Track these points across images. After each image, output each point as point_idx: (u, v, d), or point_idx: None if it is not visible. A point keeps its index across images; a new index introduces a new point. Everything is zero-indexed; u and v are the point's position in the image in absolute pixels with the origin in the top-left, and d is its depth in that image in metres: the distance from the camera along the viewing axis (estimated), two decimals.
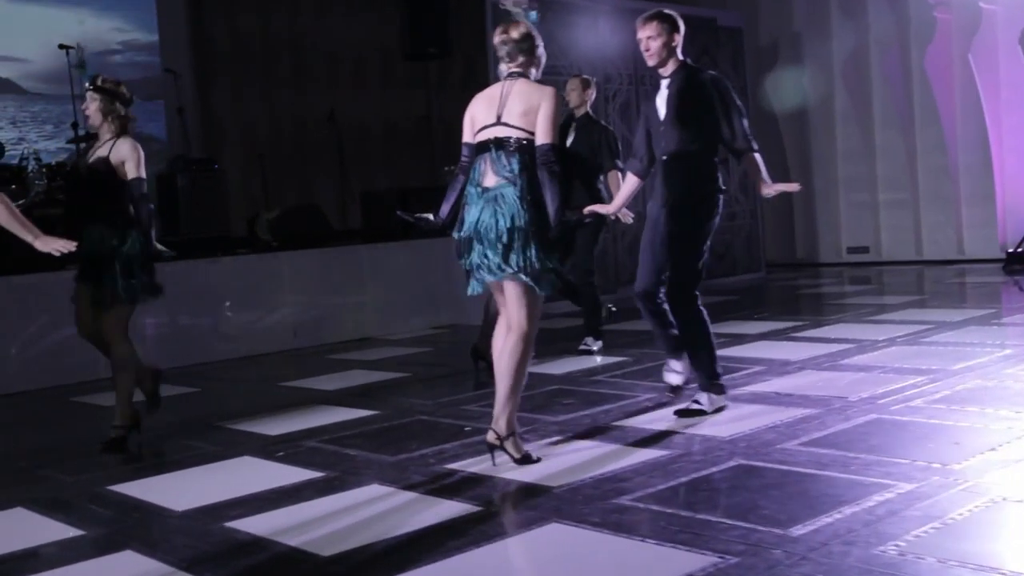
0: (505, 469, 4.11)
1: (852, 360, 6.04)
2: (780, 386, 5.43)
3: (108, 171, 4.98)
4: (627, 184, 5.18)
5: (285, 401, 6.02)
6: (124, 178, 4.99)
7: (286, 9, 11.63)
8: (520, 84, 4.24)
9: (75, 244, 4.30)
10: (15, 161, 9.61)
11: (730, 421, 4.68)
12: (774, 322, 7.97)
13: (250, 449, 4.82)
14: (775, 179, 4.95)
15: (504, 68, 4.32)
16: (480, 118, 4.29)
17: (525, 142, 4.14)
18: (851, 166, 12.82)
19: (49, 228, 8.60)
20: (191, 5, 11.98)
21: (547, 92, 4.21)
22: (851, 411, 4.70)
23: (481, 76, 10.15)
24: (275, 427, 5.29)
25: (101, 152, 5.04)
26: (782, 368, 5.95)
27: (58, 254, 4.27)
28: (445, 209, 4.40)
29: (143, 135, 11.72)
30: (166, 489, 4.25)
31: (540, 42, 4.34)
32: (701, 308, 4.90)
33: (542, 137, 4.12)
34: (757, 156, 4.87)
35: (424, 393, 6.00)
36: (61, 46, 9.37)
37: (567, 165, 6.34)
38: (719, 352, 6.53)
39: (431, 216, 4.50)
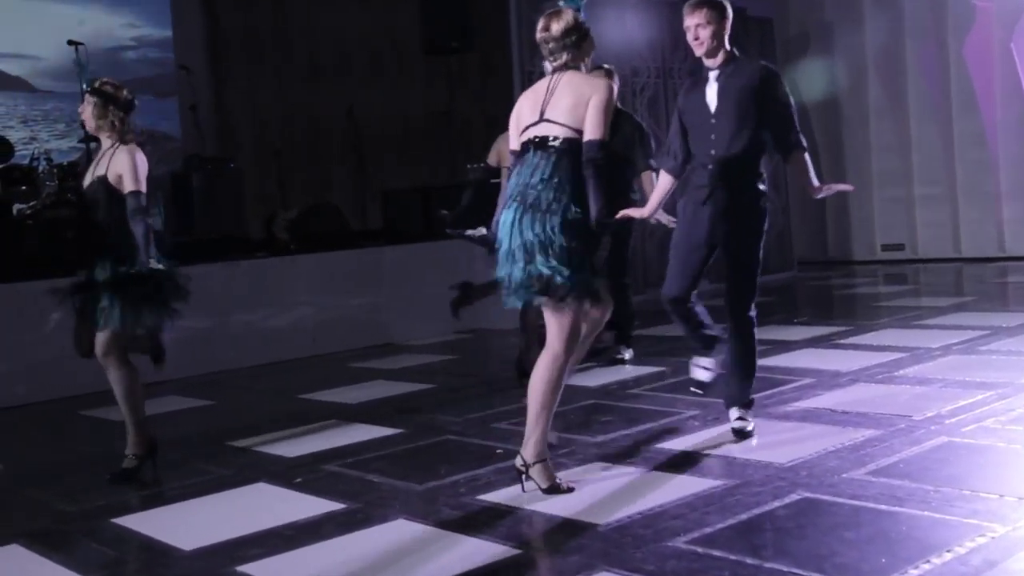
0: (538, 499, 3.76)
1: (908, 371, 5.65)
2: (834, 402, 5.05)
3: (108, 195, 4.56)
4: (661, 184, 4.76)
5: (304, 416, 5.68)
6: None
7: (302, 2, 11.29)
8: (568, 76, 3.90)
9: None
10: (25, 161, 9.32)
11: (787, 444, 4.31)
12: (815, 327, 7.57)
13: (267, 474, 4.48)
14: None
15: (548, 66, 3.97)
16: (524, 117, 3.96)
17: (570, 140, 3.80)
18: (885, 160, 12.39)
19: (60, 230, 8.46)
20: (204, 1, 11.66)
21: (599, 84, 3.86)
22: (918, 432, 4.31)
23: (504, 70, 9.80)
24: (294, 447, 4.95)
25: (99, 170, 4.62)
26: (833, 381, 5.56)
27: None
28: (496, 224, 4.01)
29: (157, 133, 11.52)
30: (175, 522, 3.92)
31: (587, 29, 3.97)
32: (755, 327, 4.57)
33: (590, 132, 3.79)
34: (806, 156, 4.50)
35: (451, 408, 5.65)
36: (70, 42, 9.04)
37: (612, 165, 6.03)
38: (763, 361, 6.24)
39: (484, 230, 4.16)
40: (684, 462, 4.16)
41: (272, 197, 10.86)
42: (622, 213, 4.75)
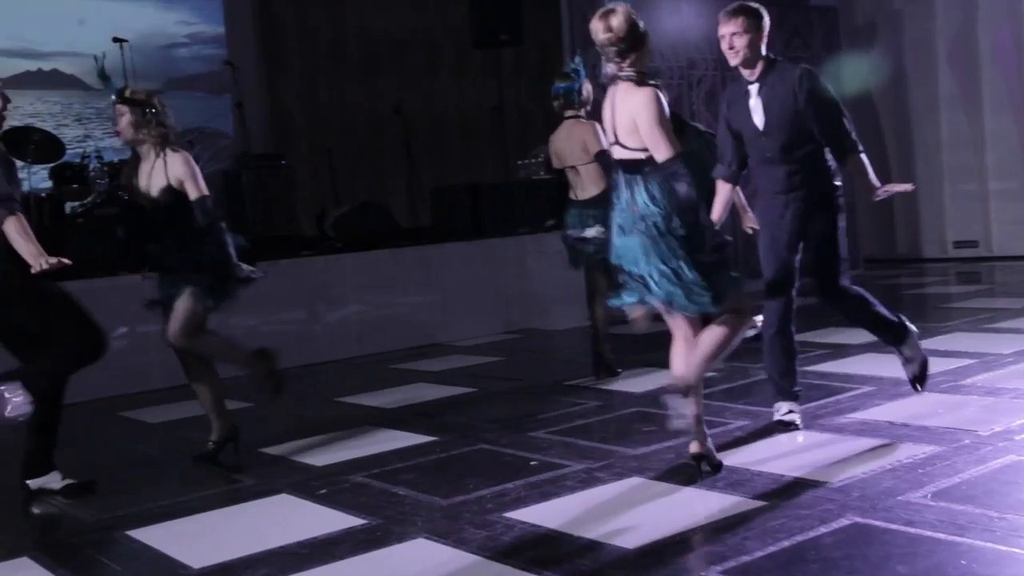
0: (575, 509, 3.52)
1: (976, 380, 5.29)
2: (894, 413, 4.72)
3: (179, 203, 4.61)
4: (721, 192, 4.60)
5: (338, 421, 5.51)
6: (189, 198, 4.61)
7: None
8: (619, 93, 3.75)
9: (68, 262, 4.00)
10: (77, 160, 9.31)
11: (839, 460, 4.01)
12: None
13: (291, 484, 4.31)
14: (877, 167, 4.45)
15: (610, 69, 3.77)
16: (607, 129, 3.88)
17: (646, 162, 3.70)
18: (957, 154, 11.86)
19: (109, 226, 8.41)
20: None
21: (639, 98, 3.67)
22: (984, 450, 3.99)
23: (557, 64, 9.53)
24: (322, 455, 4.77)
25: (157, 179, 4.61)
26: (894, 389, 5.23)
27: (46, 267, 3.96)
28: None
29: (209, 131, 11.47)
30: (190, 537, 3.75)
31: (642, 24, 3.75)
32: (855, 289, 4.63)
33: (656, 152, 3.65)
34: (862, 157, 4.30)
35: (490, 414, 5.44)
36: (115, 39, 9.02)
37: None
38: (819, 366, 5.96)
39: (601, 228, 4.14)
40: (726, 479, 3.89)
41: (323, 194, 10.76)
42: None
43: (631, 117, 3.68)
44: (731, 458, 4.15)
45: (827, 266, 4.43)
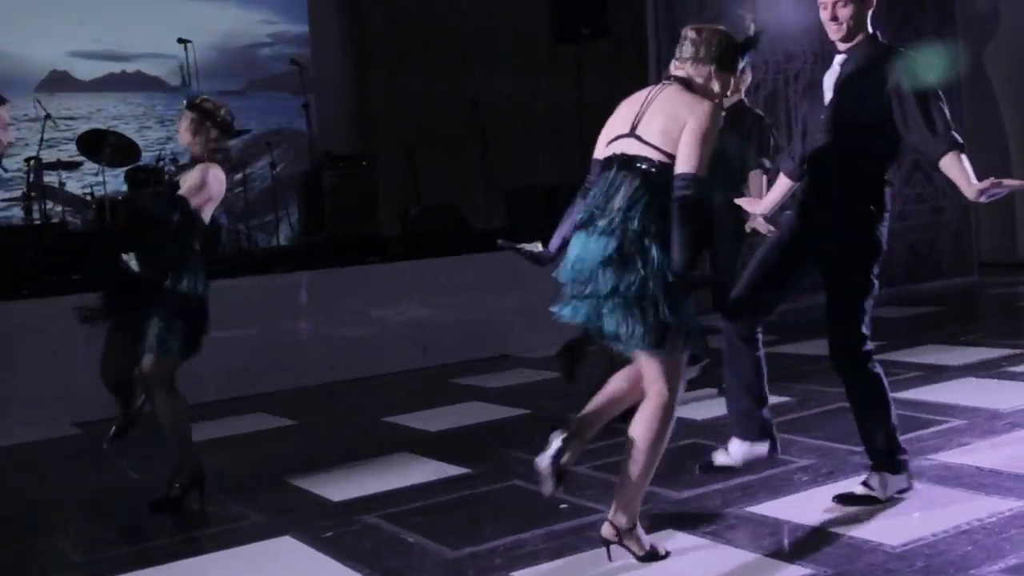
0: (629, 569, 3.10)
1: None
2: (983, 456, 4.13)
3: (171, 205, 4.31)
4: (779, 184, 3.97)
5: (375, 446, 5.17)
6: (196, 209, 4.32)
7: None
8: (670, 91, 3.26)
9: None
10: (152, 163, 9.25)
11: (908, 515, 3.48)
12: (986, 348, 6.51)
13: (299, 523, 3.98)
14: (998, 165, 3.68)
15: (671, 67, 3.35)
16: (615, 127, 3.33)
17: (660, 166, 3.16)
18: None
19: None
20: None
21: (700, 106, 3.18)
22: None
23: (641, 59, 9.04)
24: (344, 487, 4.43)
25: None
26: (988, 424, 4.62)
27: None
28: (555, 242, 3.42)
29: (290, 132, 11.32)
30: None
31: (735, 59, 3.32)
32: (874, 365, 3.65)
33: (682, 163, 3.13)
34: (961, 156, 3.47)
35: (534, 442, 4.99)
36: (180, 40, 8.91)
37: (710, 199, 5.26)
38: (908, 393, 5.36)
39: (539, 246, 3.51)
40: (770, 535, 3.40)
41: (407, 194, 10.51)
42: (739, 201, 4.17)
43: (676, 119, 3.17)
44: (783, 509, 3.65)
45: (838, 315, 3.64)
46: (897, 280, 10.11)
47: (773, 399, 5.30)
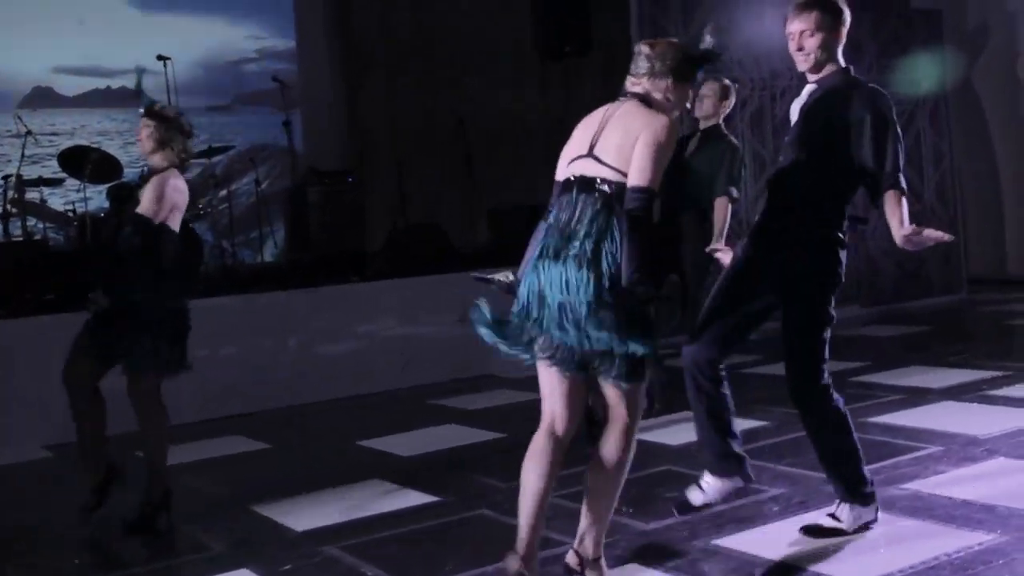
0: None
1: None
2: (957, 486, 4.06)
3: (134, 223, 4.28)
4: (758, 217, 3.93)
5: (346, 472, 5.09)
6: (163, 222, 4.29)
7: (424, 11, 10.78)
8: (627, 107, 3.20)
9: None
10: (135, 180, 9.19)
11: (874, 550, 3.41)
12: (969, 370, 6.44)
13: (257, 556, 3.90)
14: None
15: (627, 83, 3.28)
16: (573, 148, 3.27)
17: (619, 186, 3.10)
18: None
19: None
20: (329, 9, 11.35)
21: (653, 120, 3.12)
22: None
23: (623, 76, 9.00)
24: (309, 516, 4.36)
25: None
26: (965, 451, 4.56)
27: None
28: (524, 269, 3.33)
29: (275, 148, 11.25)
30: None
31: (693, 71, 3.26)
32: (835, 401, 3.56)
33: (635, 177, 3.06)
34: (902, 199, 3.43)
35: (507, 468, 4.89)
36: (159, 57, 8.86)
37: (671, 208, 5.18)
38: (886, 417, 5.30)
39: (510, 275, 3.44)
40: (735, 571, 3.33)
41: (387, 212, 10.46)
42: (714, 252, 4.01)
43: (631, 135, 3.11)
44: (748, 541, 3.59)
45: (796, 346, 3.55)
46: (885, 298, 10.06)
47: (751, 422, 5.33)
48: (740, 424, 5.23)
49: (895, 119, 3.58)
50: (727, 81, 5.71)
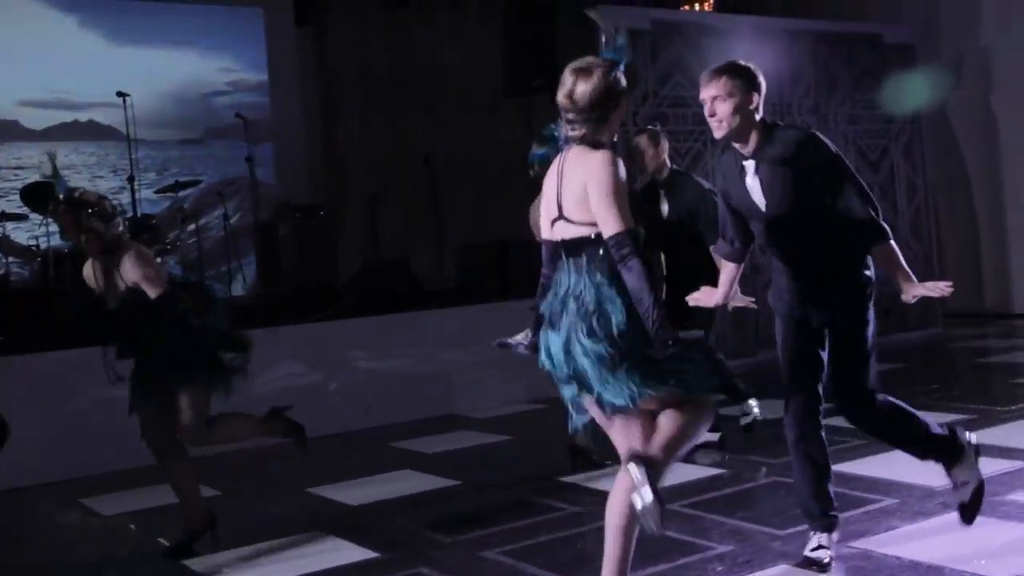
0: None
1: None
2: (907, 544, 3.94)
3: (141, 304, 4.42)
4: (726, 271, 3.95)
5: (288, 523, 4.98)
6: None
7: (396, 45, 10.75)
8: (571, 156, 3.15)
9: None
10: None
11: None
12: (933, 413, 6.28)
13: None
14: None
15: (565, 131, 3.21)
16: (546, 206, 3.25)
17: (597, 240, 3.08)
18: None
19: None
20: (301, 43, 11.32)
21: (592, 162, 3.07)
22: None
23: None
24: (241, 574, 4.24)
25: (119, 283, 4.44)
26: (920, 505, 4.45)
27: None
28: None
29: (246, 181, 11.15)
30: None
31: (622, 92, 3.19)
32: (884, 397, 3.84)
33: (605, 227, 3.03)
34: (892, 244, 3.55)
35: (454, 521, 4.82)
36: (119, 93, 8.79)
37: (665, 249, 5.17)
38: (844, 466, 5.17)
39: (529, 335, 3.35)
40: None
41: (354, 248, 10.39)
42: (692, 298, 4.00)
43: (582, 184, 3.07)
44: None
45: (852, 369, 3.73)
46: None
47: (708, 471, 5.22)
48: (696, 472, 5.19)
49: (835, 160, 3.57)
50: (651, 127, 5.70)
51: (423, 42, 10.57)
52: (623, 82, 3.18)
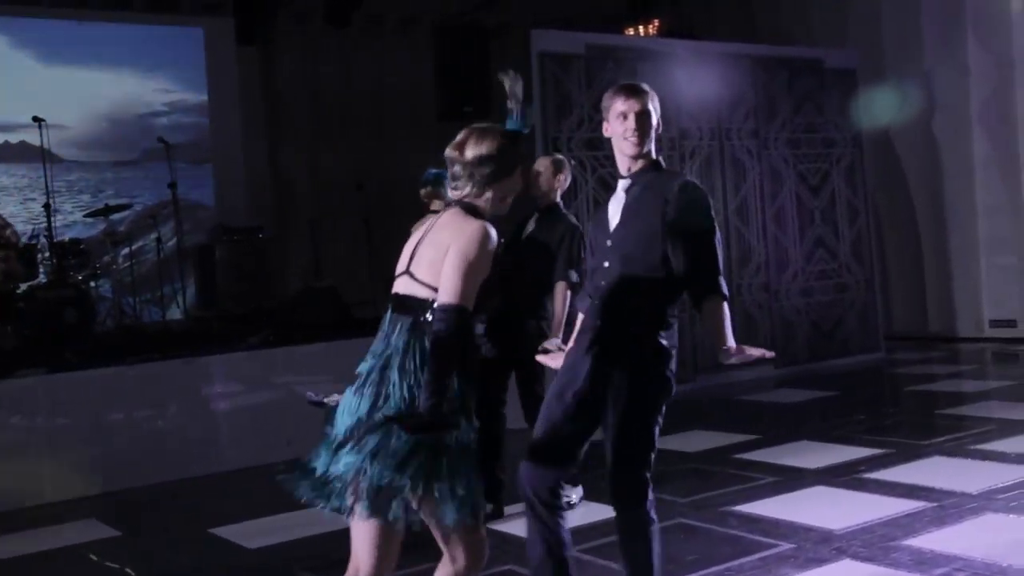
0: None
1: (917, 541, 4.39)
2: None
3: None
4: (580, 322, 3.62)
5: (180, 568, 4.86)
6: None
7: (332, 69, 10.67)
8: (446, 216, 3.00)
9: None
10: (24, 238, 8.91)
11: None
12: (852, 447, 6.29)
13: None
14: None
15: (448, 188, 3.08)
16: (403, 256, 3.06)
17: (430, 305, 2.88)
18: (993, 224, 10.84)
19: (54, 310, 7.94)
20: (242, 63, 11.21)
21: (467, 227, 2.89)
22: None
23: (527, 138, 8.87)
24: None
25: None
26: (816, 550, 4.37)
27: None
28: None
29: (189, 201, 11.01)
30: None
31: (515, 165, 3.05)
32: (650, 508, 3.35)
33: (443, 294, 2.83)
34: (724, 305, 3.31)
35: (339, 566, 4.69)
36: (35, 118, 8.65)
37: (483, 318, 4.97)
38: (749, 506, 5.11)
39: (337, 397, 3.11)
40: None
41: (307, 269, 10.28)
42: (541, 359, 3.75)
43: (440, 247, 2.90)
44: None
45: (620, 453, 3.33)
46: (800, 359, 9.93)
47: (601, 515, 5.08)
48: (590, 515, 5.05)
49: (711, 215, 3.43)
50: (559, 156, 5.55)
51: (363, 65, 10.50)
52: (518, 156, 3.07)
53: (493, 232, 2.91)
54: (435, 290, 2.87)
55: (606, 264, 3.46)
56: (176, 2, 11.06)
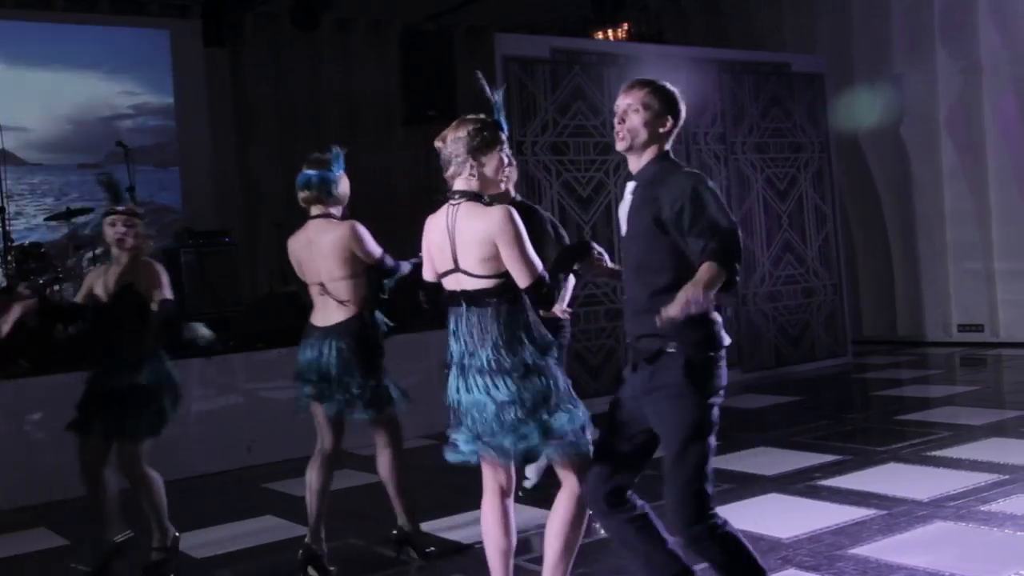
0: None
1: (865, 549, 4.37)
2: None
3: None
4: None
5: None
6: None
7: (300, 72, 10.62)
8: (464, 212, 3.39)
9: None
10: None
11: None
12: (809, 453, 6.29)
13: None
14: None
15: (448, 183, 3.48)
16: (437, 256, 3.50)
17: (498, 292, 3.38)
18: (961, 230, 10.89)
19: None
20: (209, 66, 11.14)
21: (494, 219, 3.33)
22: None
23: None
24: None
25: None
26: (763, 560, 4.32)
27: None
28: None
29: (155, 205, 10.94)
30: None
31: (482, 132, 3.48)
32: (717, 518, 3.29)
33: (521, 279, 3.35)
34: (708, 265, 3.07)
35: None
36: None
37: None
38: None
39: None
40: None
41: (275, 272, 10.18)
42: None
43: (486, 244, 3.32)
44: None
45: (668, 472, 3.24)
46: (767, 364, 9.93)
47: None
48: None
49: (706, 209, 3.14)
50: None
51: (331, 68, 10.45)
52: (498, 133, 3.50)
53: (512, 209, 3.37)
54: (494, 278, 3.35)
55: (625, 275, 3.42)
56: (142, 4, 10.98)
